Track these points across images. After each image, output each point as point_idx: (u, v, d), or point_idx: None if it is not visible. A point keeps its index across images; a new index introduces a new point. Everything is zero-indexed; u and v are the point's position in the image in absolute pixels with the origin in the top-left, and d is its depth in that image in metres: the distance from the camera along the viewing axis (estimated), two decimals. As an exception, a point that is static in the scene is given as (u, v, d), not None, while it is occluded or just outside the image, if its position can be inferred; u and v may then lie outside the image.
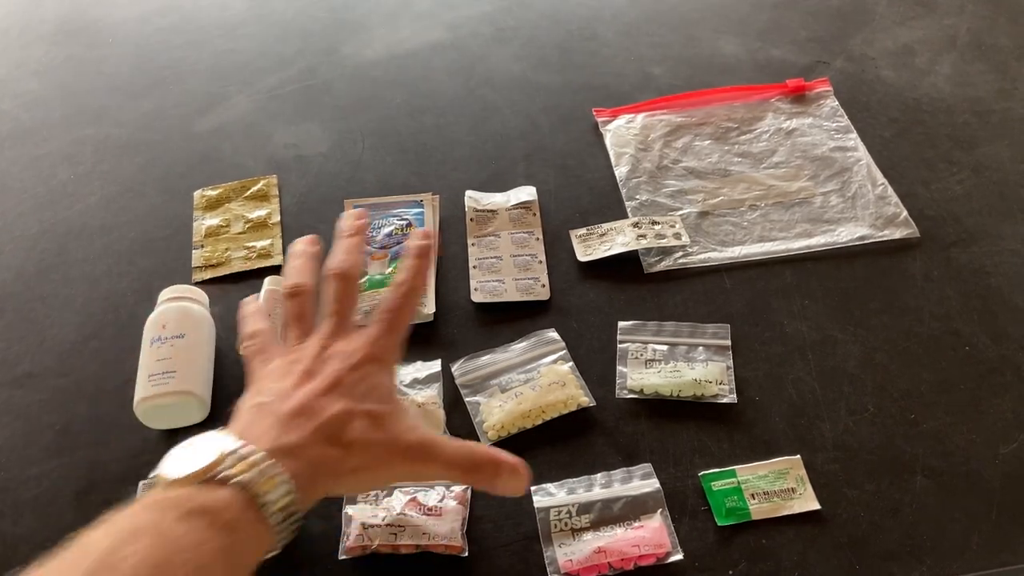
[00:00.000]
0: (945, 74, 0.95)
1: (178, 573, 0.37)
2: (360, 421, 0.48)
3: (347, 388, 0.49)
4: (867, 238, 0.78)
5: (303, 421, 0.47)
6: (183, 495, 0.41)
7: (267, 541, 0.43)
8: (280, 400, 0.48)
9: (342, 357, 0.51)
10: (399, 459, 0.49)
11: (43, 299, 0.78)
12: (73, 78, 1.02)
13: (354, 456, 0.47)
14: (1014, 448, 0.63)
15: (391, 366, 0.53)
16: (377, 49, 1.03)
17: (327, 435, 0.47)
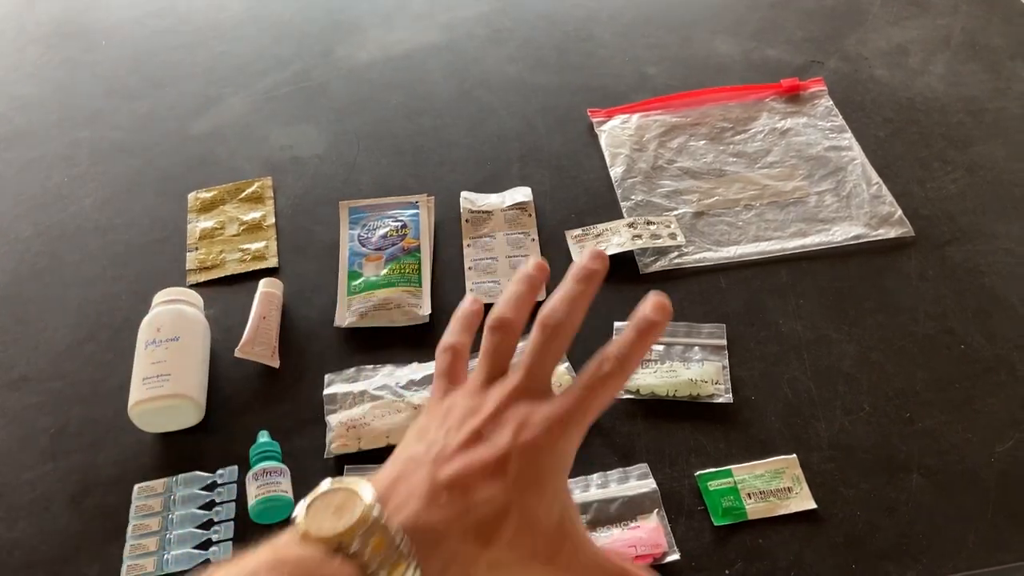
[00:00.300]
0: (939, 74, 0.95)
1: None
2: (515, 519, 0.40)
3: (513, 472, 0.40)
4: (862, 237, 0.78)
5: (454, 498, 0.40)
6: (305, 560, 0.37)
7: None
8: (438, 462, 0.41)
9: (518, 426, 0.42)
10: (540, 567, 0.41)
11: (37, 302, 0.78)
12: (68, 81, 1.02)
13: (493, 552, 0.40)
14: (1009, 446, 0.64)
15: (570, 450, 0.42)
16: (373, 51, 1.03)
17: (474, 523, 0.39)
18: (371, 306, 0.73)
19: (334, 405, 0.68)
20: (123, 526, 0.62)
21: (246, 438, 0.65)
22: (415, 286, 0.75)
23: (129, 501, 0.63)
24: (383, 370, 0.70)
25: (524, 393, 0.44)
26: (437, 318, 0.74)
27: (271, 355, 0.71)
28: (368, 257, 0.77)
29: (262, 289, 0.74)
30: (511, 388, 0.44)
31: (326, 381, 0.70)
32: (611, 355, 0.44)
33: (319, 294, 0.76)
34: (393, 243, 0.78)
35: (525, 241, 0.79)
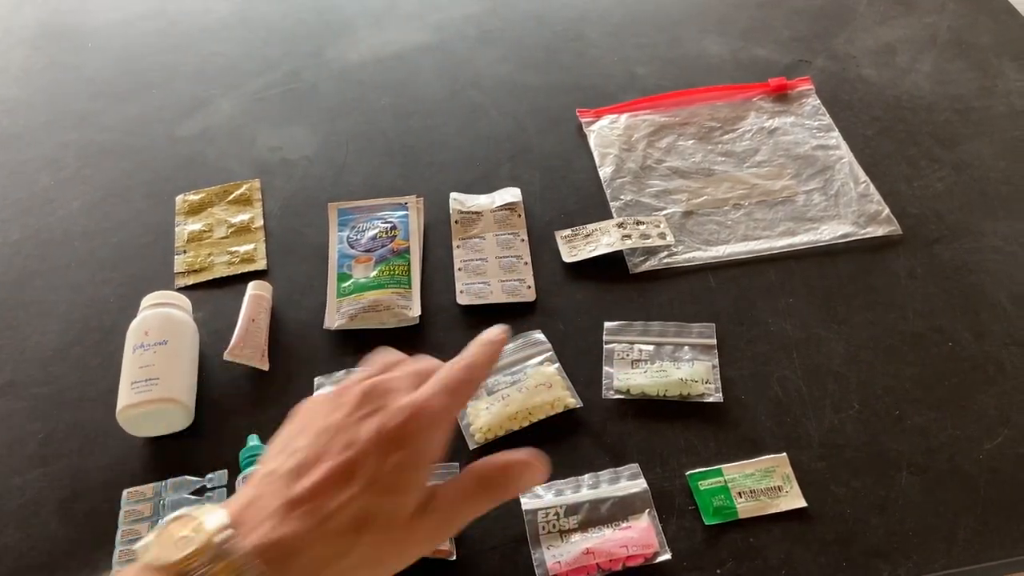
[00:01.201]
0: (926, 72, 0.95)
1: None
2: (376, 521, 0.41)
3: (371, 471, 0.42)
4: (850, 236, 0.78)
5: (309, 510, 0.40)
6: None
7: None
8: (293, 475, 0.42)
9: (384, 417, 0.43)
10: (412, 550, 0.43)
11: (25, 306, 0.77)
12: (55, 83, 1.01)
13: (359, 550, 0.41)
14: (998, 443, 0.64)
15: (431, 441, 0.44)
16: (362, 51, 1.03)
17: (333, 530, 0.40)
18: (361, 308, 0.73)
19: (324, 408, 0.68)
20: (112, 531, 0.61)
21: (236, 442, 0.65)
22: (405, 288, 0.74)
23: (118, 506, 0.63)
24: (373, 372, 0.70)
25: (399, 369, 0.47)
26: (427, 320, 0.74)
27: (260, 358, 0.70)
28: (357, 259, 0.77)
29: (251, 292, 0.74)
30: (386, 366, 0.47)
31: (316, 384, 0.69)
32: (468, 354, 0.47)
33: (308, 296, 0.76)
34: (383, 244, 0.78)
35: (515, 242, 0.79)
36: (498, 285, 0.75)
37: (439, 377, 0.46)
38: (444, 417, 0.45)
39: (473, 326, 0.73)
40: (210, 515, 0.40)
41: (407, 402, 0.44)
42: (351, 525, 0.41)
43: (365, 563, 0.41)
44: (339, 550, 0.40)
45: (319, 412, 0.45)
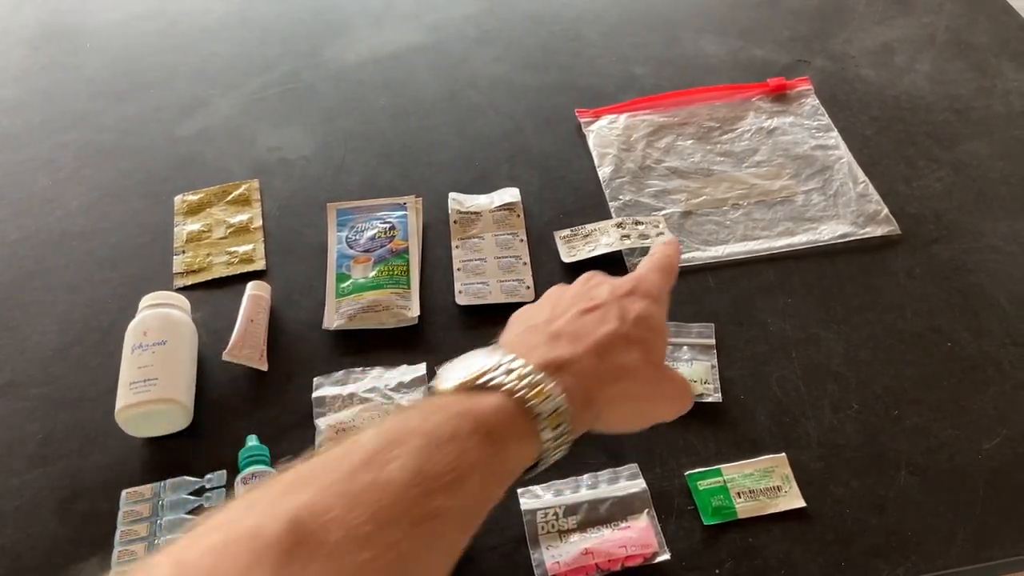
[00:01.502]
0: (925, 72, 0.95)
1: (440, 479, 0.36)
2: (633, 347, 0.47)
3: (619, 312, 0.48)
4: (849, 236, 0.78)
5: (574, 340, 0.46)
6: (451, 400, 0.41)
7: (532, 453, 0.42)
8: (548, 322, 0.48)
9: (611, 287, 0.51)
10: (660, 396, 0.49)
11: (23, 307, 0.77)
12: (53, 83, 1.01)
13: (624, 381, 0.46)
14: (997, 443, 0.64)
15: (661, 303, 0.52)
16: (360, 51, 1.02)
17: (599, 354, 0.46)
18: (360, 308, 0.73)
19: (323, 408, 0.68)
20: (111, 532, 0.61)
21: (235, 442, 0.65)
22: (404, 288, 0.74)
23: (117, 506, 0.63)
24: (372, 372, 0.70)
25: (612, 279, 0.52)
26: (426, 320, 0.74)
27: (259, 358, 0.70)
28: (356, 259, 0.77)
29: (250, 292, 0.74)
30: (625, 287, 0.51)
31: (315, 384, 0.69)
32: (666, 242, 0.57)
33: (307, 296, 0.76)
34: (382, 245, 0.78)
35: (514, 242, 0.79)
36: (497, 285, 0.75)
37: (644, 264, 0.54)
38: (662, 288, 0.52)
39: (472, 326, 0.73)
40: (485, 349, 0.45)
41: (627, 276, 0.52)
42: (613, 348, 0.46)
43: (631, 397, 0.47)
44: (610, 371, 0.45)
45: (545, 302, 0.52)
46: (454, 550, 0.37)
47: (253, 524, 0.32)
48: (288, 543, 0.31)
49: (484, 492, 0.39)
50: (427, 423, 0.38)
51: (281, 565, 0.31)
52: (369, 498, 0.34)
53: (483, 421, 0.40)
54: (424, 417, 0.39)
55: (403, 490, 0.35)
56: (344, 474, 0.35)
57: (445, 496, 0.36)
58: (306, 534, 0.32)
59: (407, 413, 0.40)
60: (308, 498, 0.33)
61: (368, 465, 0.36)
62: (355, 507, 0.33)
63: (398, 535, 0.34)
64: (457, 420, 0.39)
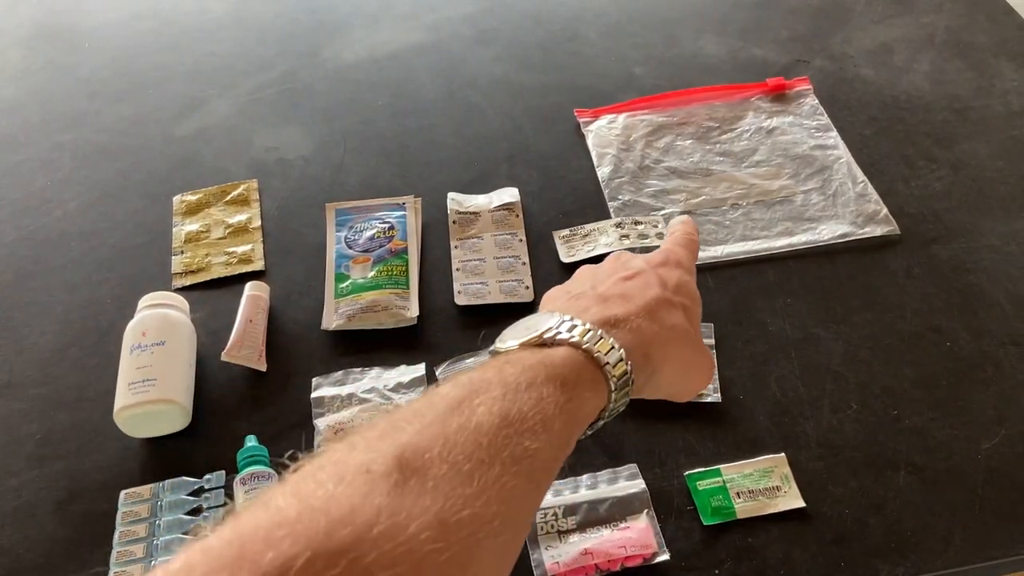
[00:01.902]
0: (924, 72, 0.95)
1: (525, 422, 0.38)
2: (677, 311, 0.49)
3: (659, 279, 0.50)
4: (848, 236, 0.78)
5: (624, 301, 0.47)
6: (523, 355, 0.42)
7: (602, 402, 0.44)
8: (594, 289, 0.49)
9: (644, 260, 0.52)
10: (702, 363, 0.50)
11: (21, 307, 0.77)
12: (50, 83, 1.01)
13: (674, 343, 0.47)
14: (996, 443, 0.64)
15: (691, 274, 0.53)
16: (358, 51, 1.02)
17: (650, 314, 0.47)
18: (358, 309, 0.73)
19: (322, 408, 0.68)
20: (110, 532, 0.61)
21: (233, 442, 0.65)
22: (403, 288, 0.74)
23: (116, 507, 0.63)
24: (371, 373, 0.70)
25: (662, 264, 0.52)
26: (425, 320, 0.73)
27: (258, 359, 0.70)
28: (355, 259, 0.77)
29: (248, 292, 0.74)
30: (657, 258, 0.53)
31: (313, 384, 0.69)
32: (682, 219, 0.58)
33: (306, 297, 0.76)
34: (381, 245, 0.78)
35: (513, 242, 0.79)
36: (496, 285, 0.75)
37: (668, 241, 0.56)
38: (690, 261, 0.54)
39: (471, 326, 0.73)
40: (540, 313, 0.47)
41: (656, 251, 0.54)
42: (659, 309, 0.47)
43: (678, 360, 0.48)
44: (660, 331, 0.47)
45: (582, 275, 0.53)
46: (541, 491, 0.39)
47: (362, 460, 0.33)
48: (398, 476, 0.32)
49: (564, 437, 0.40)
50: (503, 374, 0.40)
51: (396, 495, 0.32)
52: (464, 438, 0.35)
53: (555, 371, 0.41)
54: (499, 370, 0.40)
55: (494, 432, 0.36)
56: (436, 419, 0.36)
57: (532, 439, 0.37)
58: (413, 469, 0.33)
59: (479, 369, 0.41)
60: (407, 439, 0.35)
61: (457, 410, 0.37)
62: (453, 446, 0.35)
63: (496, 472, 0.35)
64: (531, 371, 0.40)
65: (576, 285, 0.52)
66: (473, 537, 0.33)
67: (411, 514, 0.31)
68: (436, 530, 0.31)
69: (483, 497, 0.34)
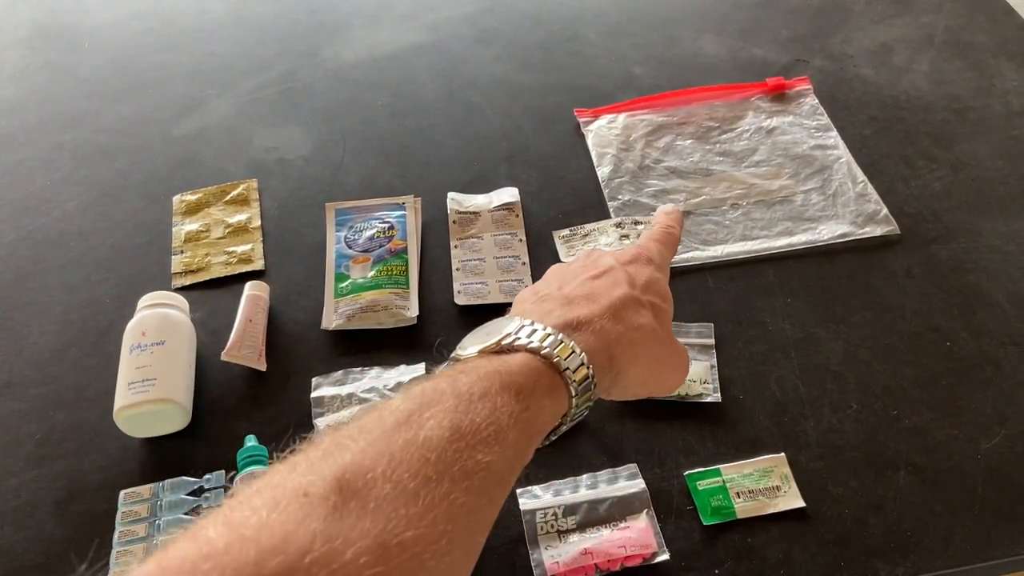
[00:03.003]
0: (923, 72, 0.95)
1: (477, 434, 0.37)
2: (645, 309, 0.48)
3: (627, 278, 0.49)
4: (848, 235, 0.78)
5: (589, 302, 0.47)
6: (480, 363, 0.41)
7: (561, 408, 0.43)
8: (560, 290, 0.48)
9: (615, 255, 0.51)
10: (671, 362, 0.49)
11: (21, 307, 0.77)
12: (50, 83, 1.01)
13: (641, 344, 0.46)
14: (995, 443, 0.64)
15: (664, 271, 0.52)
16: (358, 51, 1.02)
17: (614, 315, 0.46)
18: (358, 308, 0.73)
19: (321, 408, 0.68)
20: (110, 532, 0.61)
21: (233, 442, 0.65)
22: (403, 288, 0.74)
23: (115, 507, 0.62)
24: (371, 373, 0.70)
25: (632, 261, 0.52)
26: (425, 320, 0.73)
27: (258, 358, 0.70)
28: (355, 259, 0.77)
29: (248, 292, 0.74)
30: (627, 255, 0.52)
31: (313, 384, 0.69)
32: (665, 211, 0.57)
33: (306, 297, 0.76)
34: (380, 245, 0.78)
35: (513, 242, 0.79)
36: (496, 285, 0.75)
37: (645, 236, 0.55)
38: (663, 258, 0.53)
39: (471, 326, 0.72)
40: (501, 318, 0.46)
41: (628, 247, 0.53)
42: (625, 309, 0.46)
43: (645, 360, 0.47)
44: (625, 332, 0.46)
45: (550, 276, 0.52)
46: (495, 505, 0.38)
47: (300, 483, 0.32)
48: (336, 499, 0.31)
49: (519, 448, 0.39)
50: (457, 384, 0.39)
51: (333, 519, 0.31)
52: (411, 455, 0.34)
53: (512, 379, 0.40)
54: (452, 379, 0.39)
55: (443, 446, 0.35)
56: (382, 435, 0.35)
57: (484, 451, 0.36)
58: (353, 491, 0.32)
59: (433, 378, 0.40)
60: (351, 458, 0.34)
61: (405, 425, 0.36)
62: (399, 464, 0.34)
63: (444, 489, 0.34)
64: (486, 380, 0.39)
65: (544, 285, 0.51)
66: (417, 559, 0.31)
67: (348, 539, 0.30)
68: (375, 554, 0.30)
69: (429, 516, 0.33)
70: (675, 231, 0.56)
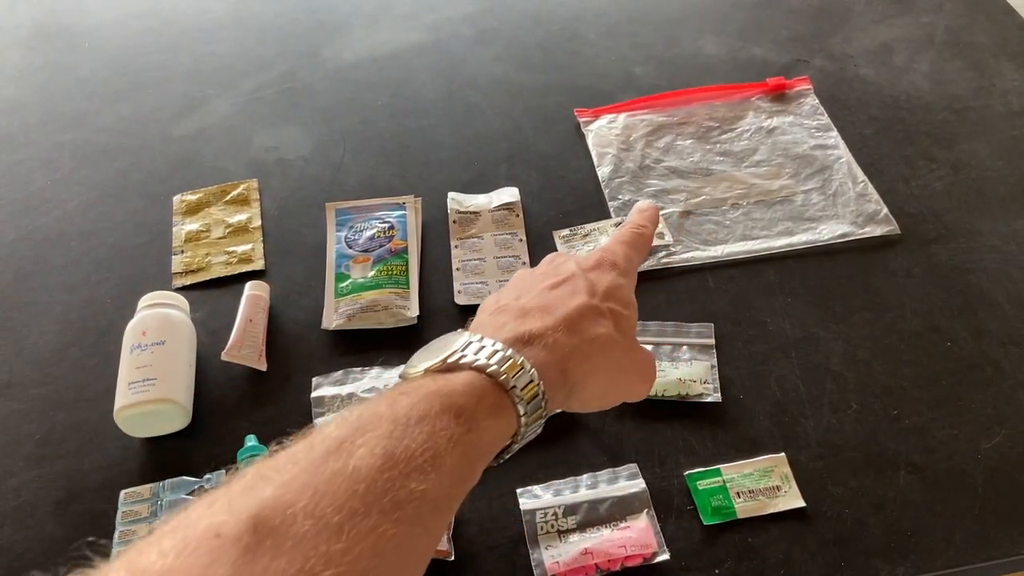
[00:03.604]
0: (924, 72, 0.95)
1: (412, 461, 0.35)
2: (604, 319, 0.46)
3: (587, 285, 0.47)
4: (848, 235, 0.78)
5: (544, 314, 0.45)
6: (424, 382, 0.40)
7: (509, 428, 0.41)
8: (516, 300, 0.47)
9: (576, 262, 0.50)
10: (633, 371, 0.48)
11: (21, 307, 0.77)
12: (50, 83, 1.01)
13: (597, 355, 0.45)
14: (996, 443, 0.64)
15: (629, 276, 0.51)
16: (358, 51, 1.02)
17: (570, 327, 0.44)
18: (359, 308, 0.73)
19: (322, 408, 0.68)
20: (110, 532, 0.61)
21: (233, 442, 0.65)
22: (403, 288, 0.74)
23: (115, 507, 0.62)
24: (371, 372, 0.70)
25: (595, 267, 0.50)
26: (425, 320, 0.73)
27: (258, 358, 0.70)
28: (355, 259, 0.77)
29: (248, 292, 0.74)
30: (590, 260, 0.50)
31: (313, 384, 0.69)
32: (639, 210, 0.55)
33: (306, 296, 0.76)
34: (381, 245, 0.78)
35: (513, 242, 0.79)
36: (496, 285, 0.75)
37: (613, 237, 0.53)
38: (629, 262, 0.51)
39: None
40: (453, 333, 0.44)
41: (593, 250, 0.51)
42: (583, 320, 0.45)
43: (603, 370, 0.45)
44: (581, 344, 0.44)
45: (512, 284, 0.51)
46: (432, 535, 0.36)
47: (212, 523, 0.30)
48: (250, 539, 0.30)
49: (459, 473, 0.37)
50: (395, 407, 0.37)
51: (244, 563, 0.29)
52: (337, 487, 0.33)
53: (452, 400, 0.38)
54: (391, 402, 0.37)
55: (374, 475, 0.34)
56: (309, 465, 0.34)
57: (419, 479, 0.35)
58: (270, 529, 0.30)
59: (374, 400, 0.38)
60: (271, 492, 0.32)
61: (335, 454, 0.34)
62: (323, 497, 0.32)
63: (371, 522, 0.32)
64: (426, 402, 0.38)
65: (505, 294, 0.49)
66: None
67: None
68: None
69: (354, 551, 0.31)
70: (646, 231, 0.54)
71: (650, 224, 0.55)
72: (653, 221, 0.55)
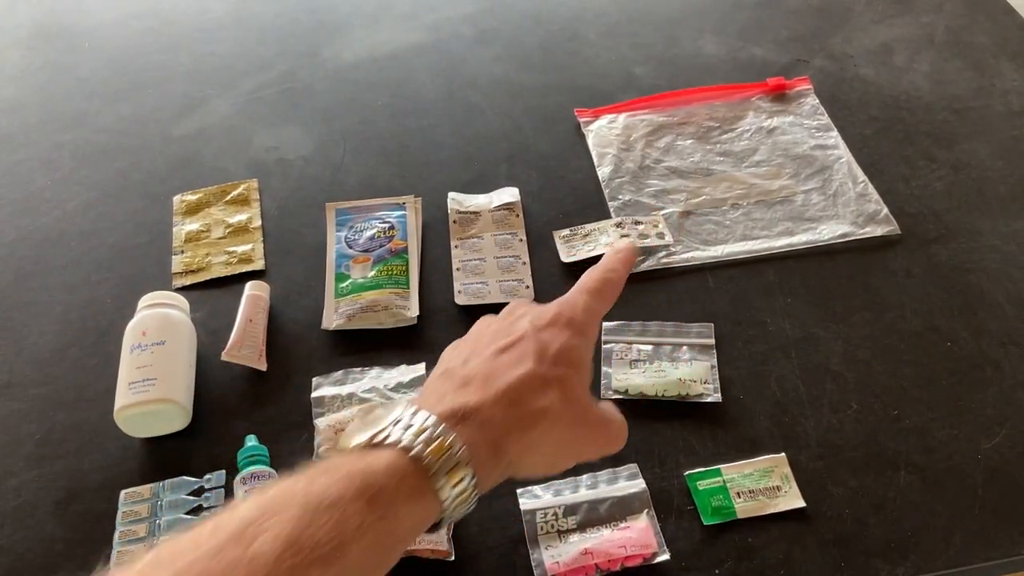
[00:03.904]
0: (924, 72, 0.95)
1: (317, 549, 0.34)
2: (550, 387, 0.44)
3: (536, 349, 0.45)
4: (848, 235, 0.78)
5: (484, 385, 0.43)
6: (343, 460, 0.38)
7: (430, 513, 0.40)
8: (463, 364, 0.45)
9: (531, 319, 0.47)
10: (584, 437, 0.46)
11: (21, 307, 0.77)
12: (50, 83, 1.01)
13: (539, 427, 0.43)
14: (996, 443, 0.64)
15: (587, 334, 0.48)
16: (358, 51, 1.02)
17: (510, 400, 0.43)
18: (359, 308, 0.73)
19: (322, 408, 0.68)
20: (110, 532, 0.61)
21: (234, 442, 0.65)
22: (403, 288, 0.74)
23: (116, 507, 0.62)
24: (371, 372, 0.70)
25: (536, 308, 0.48)
26: (425, 320, 0.73)
27: (258, 358, 0.70)
28: (355, 259, 0.77)
29: (248, 292, 0.74)
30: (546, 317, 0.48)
31: (314, 384, 0.69)
32: (609, 257, 0.51)
33: (306, 296, 0.76)
34: (381, 245, 0.78)
35: (513, 242, 0.79)
36: (496, 285, 0.75)
37: (579, 284, 0.50)
38: (590, 315, 0.48)
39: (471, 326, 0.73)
40: (394, 404, 0.43)
41: (551, 304, 0.48)
42: (525, 392, 0.43)
43: (548, 441, 0.44)
44: (521, 418, 0.43)
45: (469, 338, 0.49)
46: None
47: None
48: None
49: (370, 560, 0.36)
50: (311, 487, 0.36)
51: None
52: (234, 575, 0.32)
53: (370, 483, 0.37)
54: (310, 481, 0.37)
55: (275, 563, 0.33)
56: (209, 551, 0.33)
57: (323, 568, 0.34)
58: None
59: (296, 476, 0.37)
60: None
61: (238, 539, 0.33)
62: None
63: None
64: (343, 483, 0.37)
65: (457, 353, 0.47)
66: None
67: None
68: None
69: None
70: (616, 275, 0.51)
71: (622, 267, 0.51)
72: (627, 264, 0.52)
